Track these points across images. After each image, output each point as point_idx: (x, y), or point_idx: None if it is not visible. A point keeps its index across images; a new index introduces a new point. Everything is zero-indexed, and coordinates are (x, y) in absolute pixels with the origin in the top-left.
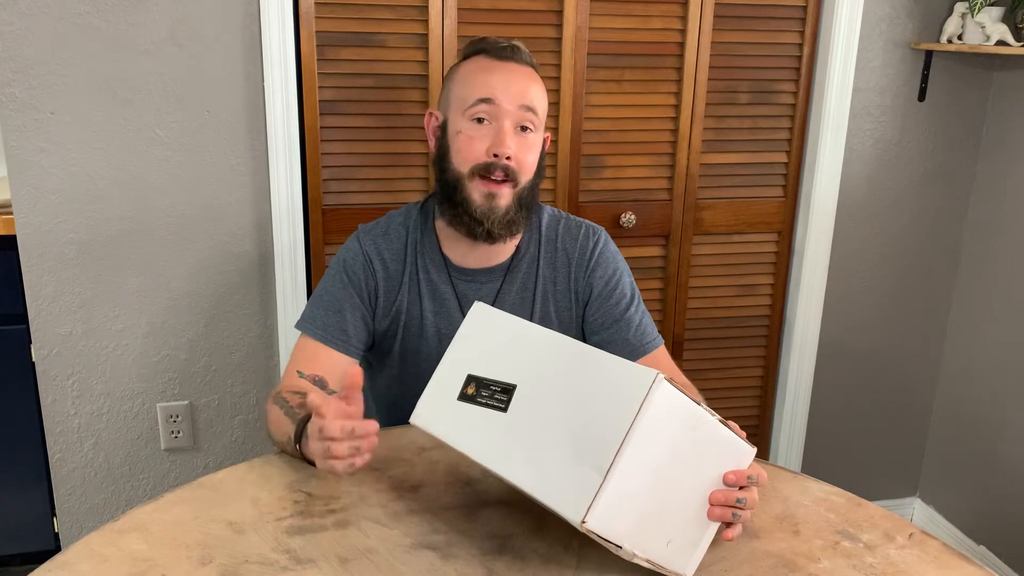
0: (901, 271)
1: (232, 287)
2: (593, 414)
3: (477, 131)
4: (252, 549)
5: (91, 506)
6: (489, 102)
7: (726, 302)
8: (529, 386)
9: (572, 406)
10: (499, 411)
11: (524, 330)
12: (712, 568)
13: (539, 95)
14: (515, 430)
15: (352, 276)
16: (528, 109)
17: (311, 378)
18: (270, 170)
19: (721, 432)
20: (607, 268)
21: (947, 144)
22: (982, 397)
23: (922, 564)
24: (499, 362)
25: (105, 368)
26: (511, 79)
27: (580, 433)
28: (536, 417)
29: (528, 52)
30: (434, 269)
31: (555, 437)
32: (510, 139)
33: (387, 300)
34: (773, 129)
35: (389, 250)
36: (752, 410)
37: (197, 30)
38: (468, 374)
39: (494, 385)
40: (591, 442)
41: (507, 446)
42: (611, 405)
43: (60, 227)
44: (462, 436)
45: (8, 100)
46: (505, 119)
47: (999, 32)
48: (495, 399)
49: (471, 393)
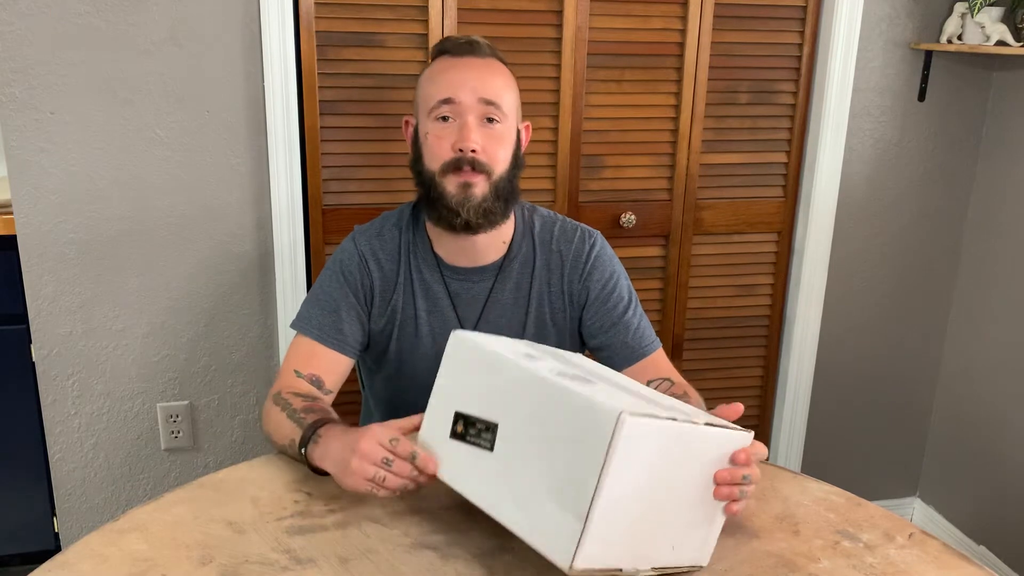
0: (901, 271)
1: (232, 287)
2: (568, 457)
3: (443, 130)
4: (252, 549)
5: (91, 506)
6: (450, 101)
7: (726, 302)
8: (510, 426)
9: (548, 448)
10: (486, 451)
11: (499, 363)
12: (712, 568)
13: (500, 86)
14: (502, 471)
15: (348, 276)
16: (489, 102)
17: (308, 377)
18: (270, 170)
19: (710, 433)
20: (604, 271)
21: (947, 144)
22: (982, 397)
23: (922, 564)
24: (481, 398)
25: (105, 368)
26: (468, 75)
27: (559, 476)
28: (519, 458)
29: (489, 45)
30: (427, 269)
31: (538, 480)
32: (474, 133)
33: (383, 300)
34: (773, 129)
35: (384, 250)
36: (752, 410)
37: (197, 30)
38: (456, 411)
39: (479, 423)
40: (569, 487)
41: (497, 488)
42: (582, 449)
43: (60, 227)
44: (459, 476)
45: (8, 100)
46: (468, 114)
47: (999, 32)
48: (482, 438)
49: (460, 431)
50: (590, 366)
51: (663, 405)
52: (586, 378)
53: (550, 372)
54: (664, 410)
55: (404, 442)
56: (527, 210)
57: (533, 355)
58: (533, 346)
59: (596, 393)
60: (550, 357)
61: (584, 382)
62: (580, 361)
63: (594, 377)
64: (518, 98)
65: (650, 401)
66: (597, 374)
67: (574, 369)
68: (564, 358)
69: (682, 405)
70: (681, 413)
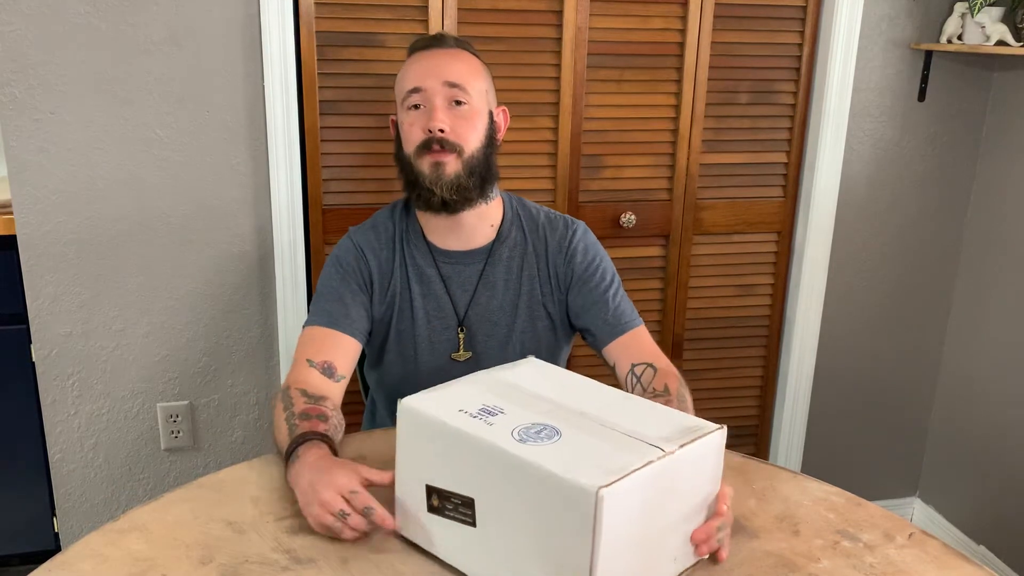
0: (901, 271)
1: (232, 287)
2: (553, 534)
3: (415, 117)
4: (252, 549)
5: (91, 506)
6: (418, 90)
7: (726, 302)
8: (485, 500)
9: (531, 523)
10: (469, 525)
11: (453, 435)
12: (712, 568)
13: (464, 70)
14: (490, 546)
15: (347, 267)
16: (453, 84)
17: (321, 366)
18: (270, 170)
19: (686, 454)
20: (587, 254)
21: (947, 144)
22: (982, 397)
23: (922, 564)
24: (448, 470)
25: (105, 368)
26: (432, 63)
27: (549, 552)
28: (503, 533)
29: (456, 38)
30: (419, 255)
31: (528, 555)
32: (441, 113)
33: (382, 287)
34: (773, 129)
35: (379, 242)
36: (752, 410)
37: (197, 30)
38: (426, 484)
39: (455, 497)
40: (562, 561)
41: (489, 561)
42: (567, 525)
43: (60, 227)
44: (447, 549)
45: (8, 100)
46: (435, 98)
47: (999, 32)
48: (460, 512)
49: (437, 505)
50: (557, 392)
51: (636, 434)
52: (552, 427)
53: (511, 433)
54: (636, 447)
55: (362, 495)
56: (515, 200)
57: (492, 408)
58: (496, 381)
59: (566, 461)
60: (513, 400)
61: (549, 436)
62: (549, 386)
63: (561, 415)
64: (490, 85)
65: (622, 436)
66: (565, 407)
67: (539, 411)
68: (529, 391)
69: (657, 415)
70: (657, 436)
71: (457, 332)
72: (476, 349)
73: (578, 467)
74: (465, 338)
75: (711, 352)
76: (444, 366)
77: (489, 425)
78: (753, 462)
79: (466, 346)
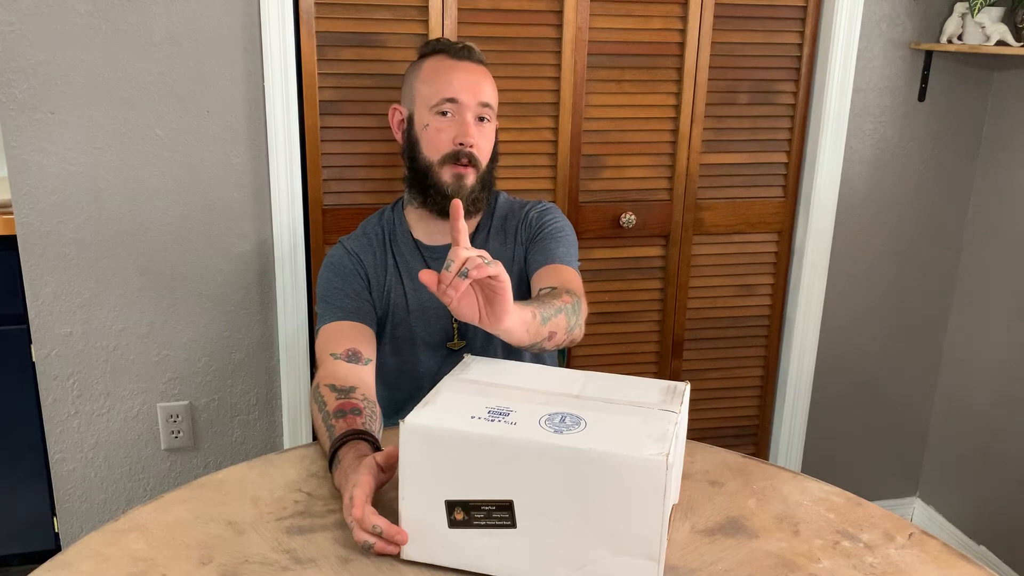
0: (901, 271)
1: (232, 287)
2: (613, 510)
3: (443, 123)
4: (252, 549)
5: (91, 506)
6: (454, 100)
7: (726, 302)
8: (526, 499)
9: (586, 507)
10: (507, 528)
11: (478, 443)
12: (712, 568)
13: (492, 91)
14: (534, 543)
15: (343, 269)
16: (485, 104)
17: (345, 354)
18: (270, 170)
19: (684, 413)
20: (543, 212)
21: (947, 144)
22: (982, 397)
23: (922, 564)
24: (474, 479)
25: (105, 368)
26: (469, 78)
27: (608, 529)
28: (550, 527)
29: (480, 51)
30: (408, 252)
31: (583, 538)
32: (473, 130)
33: (378, 285)
34: (773, 129)
35: (370, 245)
36: (752, 410)
37: (197, 30)
38: (445, 500)
39: (487, 505)
40: (625, 533)
41: (533, 559)
42: (633, 500)
43: (60, 227)
44: (481, 560)
45: (8, 100)
46: (467, 113)
47: (999, 32)
48: (495, 518)
49: (461, 519)
50: (533, 382)
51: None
52: (568, 414)
53: (539, 426)
54: (652, 415)
55: (368, 519)
56: (493, 191)
57: (498, 408)
58: (472, 383)
59: (615, 440)
60: (508, 398)
61: (576, 422)
62: (518, 378)
63: (563, 402)
64: (497, 100)
65: (633, 407)
66: (557, 394)
67: (541, 403)
68: (511, 385)
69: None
70: (657, 402)
71: (451, 322)
72: (469, 336)
73: (630, 442)
74: (459, 327)
75: (711, 352)
76: (440, 355)
77: (512, 424)
78: (753, 462)
79: (460, 335)
